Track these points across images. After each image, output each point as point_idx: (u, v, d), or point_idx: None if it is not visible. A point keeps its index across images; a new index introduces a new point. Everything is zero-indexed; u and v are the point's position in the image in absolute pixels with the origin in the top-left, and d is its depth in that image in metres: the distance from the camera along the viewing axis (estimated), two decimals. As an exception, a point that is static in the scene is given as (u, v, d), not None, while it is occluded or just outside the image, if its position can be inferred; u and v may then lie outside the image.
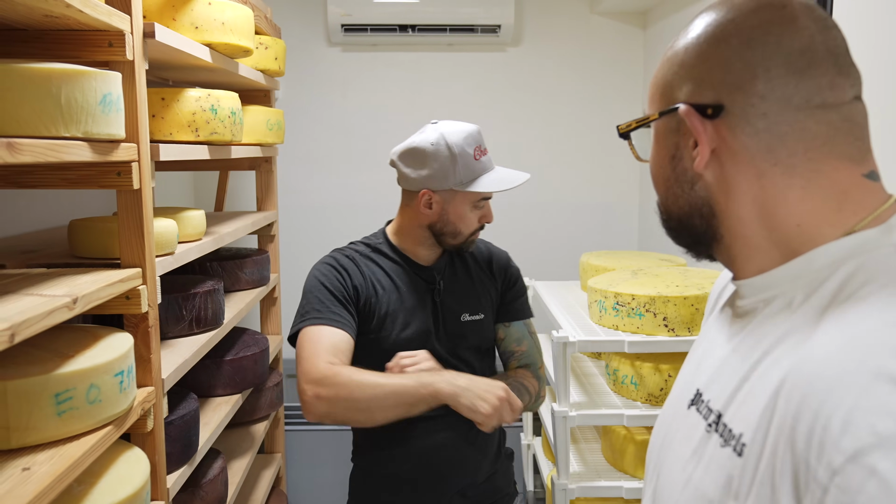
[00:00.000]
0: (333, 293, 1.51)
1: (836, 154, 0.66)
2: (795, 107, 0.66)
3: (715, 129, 0.69)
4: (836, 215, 0.66)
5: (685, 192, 0.74)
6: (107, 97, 1.17)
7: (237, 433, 2.26)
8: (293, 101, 3.06)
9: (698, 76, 0.70)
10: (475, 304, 1.63)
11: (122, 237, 1.35)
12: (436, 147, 1.51)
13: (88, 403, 1.15)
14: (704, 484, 0.68)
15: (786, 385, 0.60)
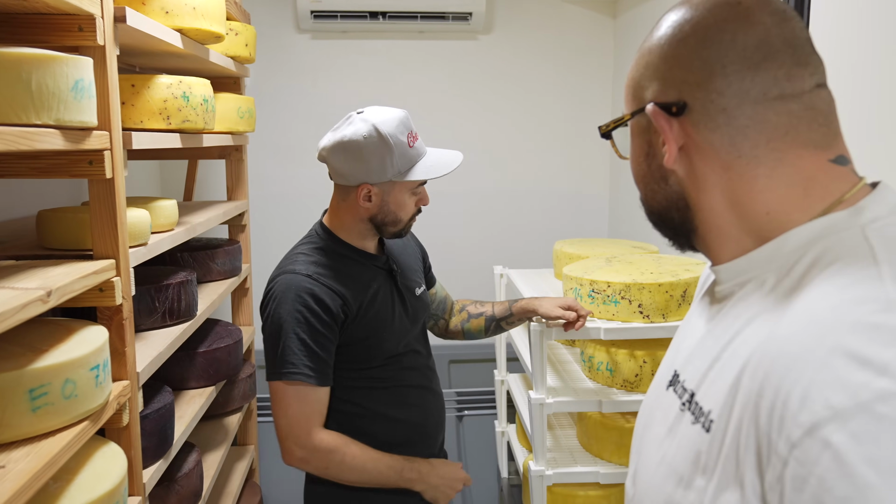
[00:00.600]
0: (317, 333, 1.47)
1: (799, 142, 0.68)
2: (753, 100, 0.68)
3: (680, 127, 0.72)
4: (804, 201, 0.68)
5: (661, 187, 0.77)
6: (79, 83, 1.14)
7: (210, 426, 2.23)
8: (262, 89, 3.01)
9: (662, 76, 0.73)
10: (418, 277, 1.73)
11: (94, 228, 1.32)
12: (369, 140, 1.46)
13: (64, 399, 1.12)
14: (676, 461, 0.70)
15: (751, 363, 0.62)
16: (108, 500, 1.16)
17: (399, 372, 1.61)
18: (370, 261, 1.60)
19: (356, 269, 1.57)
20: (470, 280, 3.07)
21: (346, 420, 1.57)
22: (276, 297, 1.49)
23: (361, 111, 1.52)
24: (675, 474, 0.70)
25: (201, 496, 1.83)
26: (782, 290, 0.66)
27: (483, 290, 3.00)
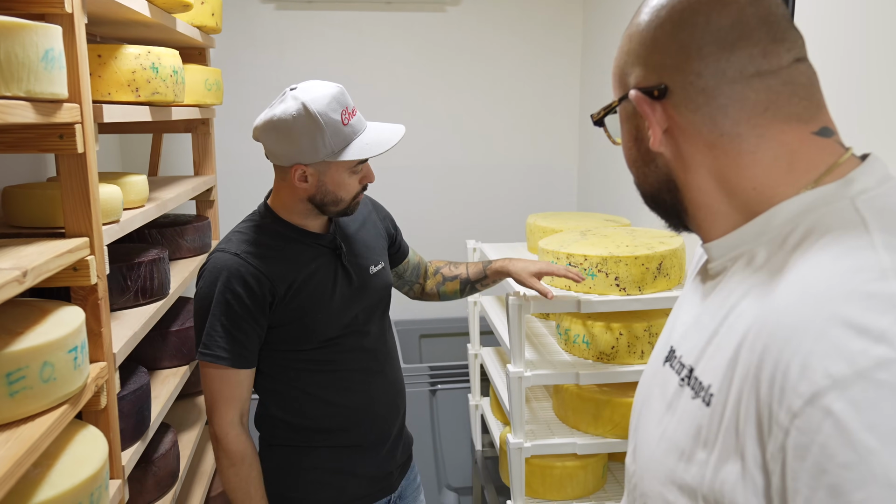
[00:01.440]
0: (237, 317, 1.45)
1: (780, 117, 0.69)
2: (731, 79, 0.69)
3: (663, 110, 0.73)
4: (789, 174, 0.70)
5: (651, 170, 0.79)
6: (49, 53, 1.08)
7: (183, 405, 2.19)
8: (225, 61, 2.93)
9: (643, 61, 0.75)
10: (376, 254, 1.68)
11: (66, 205, 1.27)
12: (298, 118, 1.40)
13: (42, 382, 1.08)
14: (677, 435, 0.71)
15: (749, 336, 0.63)
16: (90, 485, 1.13)
17: (340, 354, 1.57)
18: (313, 240, 1.56)
19: (294, 249, 1.53)
20: (442, 254, 3.05)
21: (287, 402, 1.56)
22: (205, 275, 1.49)
23: (295, 87, 1.46)
24: (677, 449, 0.71)
25: (178, 477, 1.80)
26: (775, 262, 0.67)
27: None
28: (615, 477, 2.17)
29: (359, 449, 1.60)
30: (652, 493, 0.74)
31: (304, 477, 1.58)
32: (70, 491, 1.08)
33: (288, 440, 1.58)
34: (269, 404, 1.59)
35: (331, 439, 1.57)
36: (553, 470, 2.03)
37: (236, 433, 1.49)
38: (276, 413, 1.58)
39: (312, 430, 1.57)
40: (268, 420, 1.60)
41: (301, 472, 1.58)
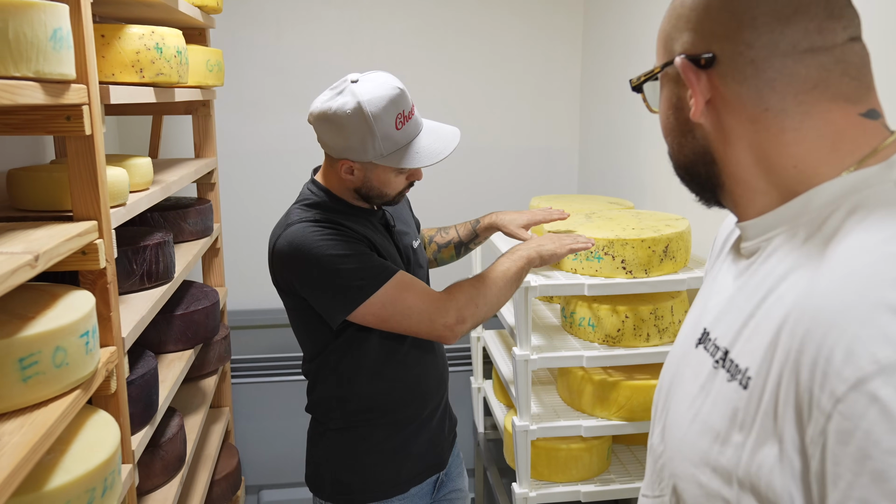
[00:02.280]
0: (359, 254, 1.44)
1: (828, 96, 0.68)
2: (783, 53, 0.68)
3: (708, 79, 0.71)
4: (832, 154, 0.68)
5: (688, 140, 0.77)
6: (57, 32, 1.06)
7: (188, 389, 2.19)
8: (223, 42, 2.89)
9: (692, 28, 0.73)
10: (413, 230, 1.72)
11: (73, 188, 1.25)
12: (352, 116, 1.39)
13: (55, 367, 1.07)
14: (712, 418, 0.70)
15: (790, 320, 0.62)
16: (104, 470, 1.13)
17: None
18: (367, 215, 1.57)
19: (358, 221, 1.53)
20: (442, 237, 3.05)
21: (345, 381, 1.56)
22: (298, 244, 1.43)
23: (357, 79, 1.44)
24: (711, 431, 0.70)
25: (185, 461, 1.80)
26: (816, 244, 0.66)
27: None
28: (619, 459, 2.18)
29: (413, 426, 1.62)
30: (684, 474, 0.74)
31: (362, 460, 1.59)
32: (85, 476, 1.08)
33: (344, 422, 1.59)
34: (324, 386, 1.59)
35: (386, 416, 1.59)
36: (558, 452, 2.04)
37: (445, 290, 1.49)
38: (333, 393, 1.58)
39: (368, 409, 1.58)
40: (322, 403, 1.61)
41: (358, 455, 1.59)
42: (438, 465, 1.70)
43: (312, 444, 1.66)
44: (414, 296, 1.45)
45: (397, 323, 1.45)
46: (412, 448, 1.63)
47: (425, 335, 1.48)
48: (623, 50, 2.70)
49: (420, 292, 1.46)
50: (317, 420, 1.65)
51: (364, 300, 1.41)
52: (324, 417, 1.62)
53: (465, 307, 1.47)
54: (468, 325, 1.49)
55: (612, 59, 2.83)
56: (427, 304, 1.45)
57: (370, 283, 1.41)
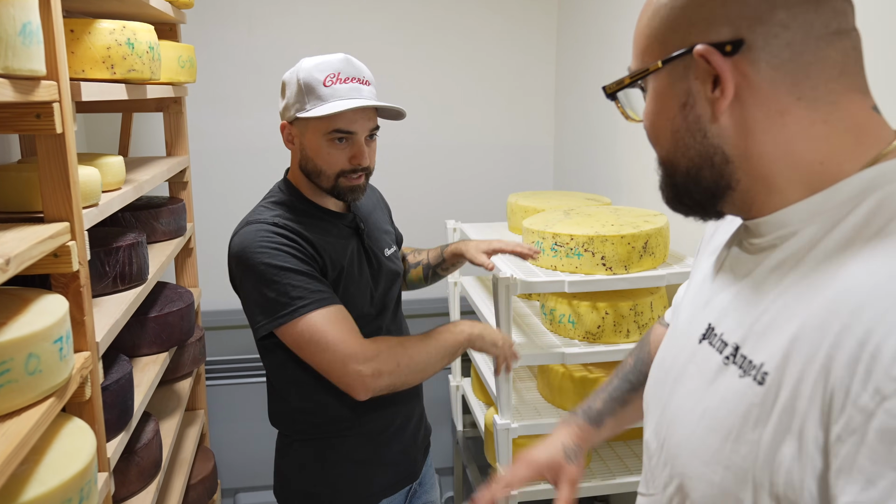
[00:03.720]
0: (305, 264, 1.39)
1: (849, 85, 0.65)
2: (817, 35, 0.64)
3: (735, 67, 0.66)
4: (855, 149, 0.65)
5: (697, 141, 0.71)
6: (26, 27, 1.02)
7: (162, 392, 2.14)
8: (193, 37, 2.83)
9: (709, 14, 0.67)
10: (387, 237, 1.67)
11: (44, 188, 1.21)
12: (289, 75, 1.46)
13: (28, 375, 1.03)
14: (721, 413, 0.69)
15: (817, 316, 0.60)
16: (80, 480, 1.09)
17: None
18: (335, 219, 1.52)
19: (321, 226, 1.49)
20: (420, 234, 3.02)
21: (310, 392, 1.50)
22: (246, 245, 1.38)
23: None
24: (723, 428, 0.68)
25: (161, 466, 1.76)
26: (837, 242, 0.64)
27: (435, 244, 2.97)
28: (600, 455, 2.18)
29: (384, 435, 1.57)
30: (693, 473, 0.72)
31: (331, 471, 1.54)
32: (60, 487, 1.04)
33: (311, 433, 1.53)
34: (289, 397, 1.53)
35: (355, 427, 1.53)
36: (540, 450, 2.03)
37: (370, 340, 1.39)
38: (298, 405, 1.52)
39: (337, 420, 1.52)
40: (287, 415, 1.55)
41: (327, 465, 1.53)
42: (412, 475, 1.65)
43: (280, 456, 1.59)
44: (338, 333, 1.36)
45: (311, 355, 1.37)
46: (385, 458, 1.57)
47: (336, 379, 1.38)
48: (598, 46, 2.70)
49: (346, 332, 1.37)
50: (282, 433, 1.59)
51: (290, 321, 1.35)
52: (289, 430, 1.56)
53: (385, 363, 1.38)
54: (384, 382, 1.38)
55: (587, 55, 2.84)
56: (347, 346, 1.36)
57: (300, 305, 1.35)
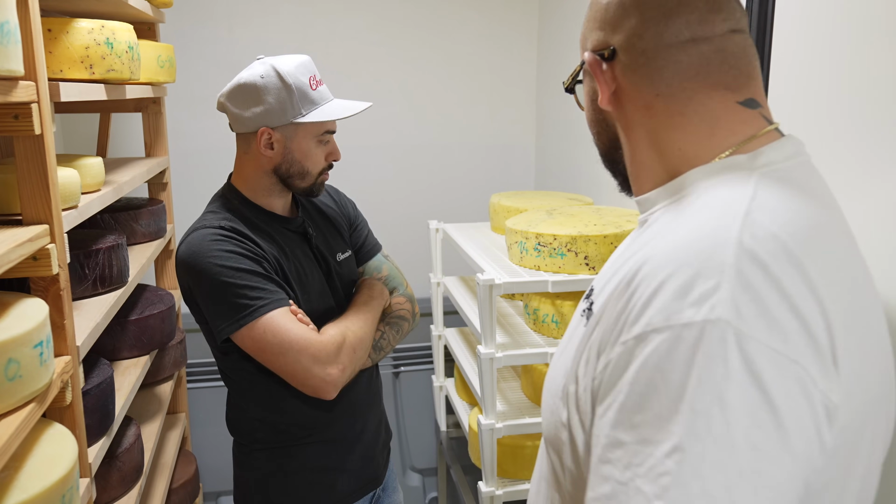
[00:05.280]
0: (256, 264, 1.37)
1: (709, 83, 0.75)
2: (668, 43, 0.75)
3: (611, 71, 0.79)
4: (710, 139, 0.75)
5: (604, 129, 0.85)
6: (4, 26, 1.00)
7: (143, 396, 2.11)
8: (173, 37, 2.80)
9: (597, 26, 0.81)
10: (341, 241, 1.63)
11: (23, 190, 1.19)
12: (267, 79, 1.39)
13: (8, 380, 1.02)
14: (567, 355, 0.78)
15: (629, 271, 0.69)
16: (62, 486, 1.07)
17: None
18: (282, 224, 1.51)
19: (269, 231, 1.47)
20: (403, 235, 3.03)
21: (267, 401, 1.49)
22: (195, 251, 1.37)
23: (261, 57, 1.45)
24: (564, 368, 0.77)
25: (142, 471, 1.73)
26: (670, 218, 0.73)
27: (418, 245, 2.97)
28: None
29: (345, 442, 1.55)
30: (546, 407, 0.81)
31: (293, 480, 1.52)
32: (42, 494, 1.02)
33: (271, 442, 1.52)
34: (246, 406, 1.52)
35: (315, 434, 1.52)
36: (524, 450, 2.04)
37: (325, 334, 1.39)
38: (256, 414, 1.51)
39: (296, 428, 1.51)
40: (246, 424, 1.54)
41: (288, 475, 1.52)
42: (375, 480, 1.64)
43: (239, 466, 1.57)
44: (299, 332, 1.34)
45: (274, 357, 1.34)
46: (347, 464, 1.56)
47: (300, 383, 1.36)
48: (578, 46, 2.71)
49: (306, 331, 1.36)
50: (240, 442, 1.57)
51: (250, 321, 1.33)
52: (248, 439, 1.54)
53: (345, 355, 1.39)
54: (347, 374, 1.40)
55: (567, 55, 2.85)
56: (309, 347, 1.34)
57: (260, 305, 1.34)
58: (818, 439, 0.60)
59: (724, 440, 0.57)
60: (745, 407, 0.57)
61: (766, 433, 0.57)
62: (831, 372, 0.61)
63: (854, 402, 0.63)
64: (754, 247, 0.62)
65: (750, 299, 0.60)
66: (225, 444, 2.91)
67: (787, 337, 0.59)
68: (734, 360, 0.58)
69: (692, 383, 0.58)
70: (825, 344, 0.61)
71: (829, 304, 0.62)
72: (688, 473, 0.57)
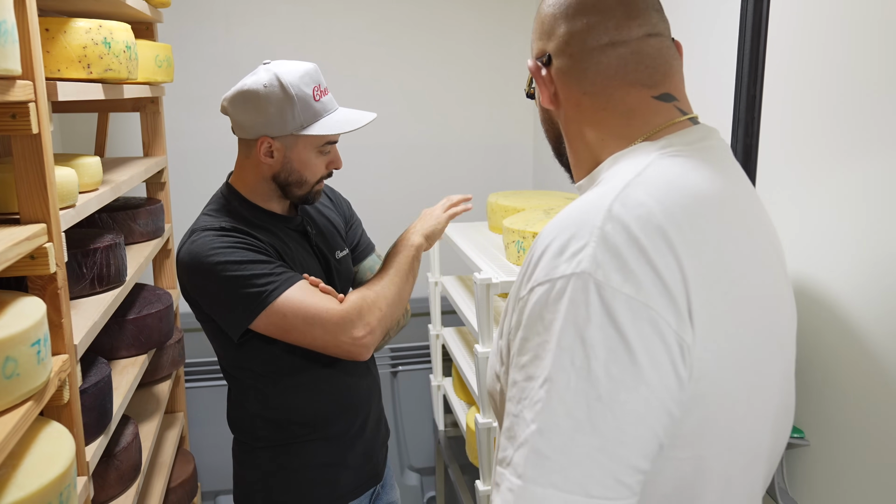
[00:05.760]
0: (261, 261, 1.38)
1: (627, 81, 0.84)
2: (590, 47, 0.85)
3: (549, 75, 0.90)
4: (626, 129, 0.85)
5: (550, 126, 0.96)
6: (2, 25, 1.01)
7: (141, 395, 2.12)
8: (171, 37, 2.81)
9: (537, 37, 0.92)
10: (339, 240, 1.64)
11: (20, 189, 1.19)
12: (270, 89, 1.38)
13: (6, 378, 1.02)
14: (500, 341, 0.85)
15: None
16: (59, 484, 1.08)
17: None
18: (281, 223, 1.51)
19: (269, 230, 1.48)
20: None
21: (269, 398, 1.50)
22: (197, 252, 1.37)
23: (268, 62, 1.44)
24: (501, 328, 0.84)
25: (140, 470, 1.74)
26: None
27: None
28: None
29: (346, 438, 1.56)
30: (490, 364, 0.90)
31: (296, 477, 1.52)
32: (40, 491, 1.03)
33: (273, 440, 1.52)
34: (248, 404, 1.52)
35: (317, 431, 1.52)
36: (521, 448, 2.04)
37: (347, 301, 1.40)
38: (259, 412, 1.51)
39: (298, 425, 1.51)
40: (248, 421, 1.54)
41: (291, 472, 1.52)
42: (375, 477, 1.65)
43: (240, 464, 1.58)
44: (319, 303, 1.36)
45: (301, 334, 1.36)
46: (349, 461, 1.57)
47: (332, 350, 1.38)
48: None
49: (325, 300, 1.37)
50: (241, 440, 1.57)
51: (265, 307, 1.34)
52: (250, 437, 1.55)
53: (369, 314, 1.39)
54: (378, 334, 1.41)
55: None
56: (332, 315, 1.36)
57: (272, 289, 1.34)
58: (674, 372, 0.69)
59: (585, 371, 0.67)
60: (603, 343, 0.67)
61: (622, 365, 0.67)
62: (685, 320, 0.70)
63: (714, 355, 0.72)
64: (621, 212, 0.72)
65: (611, 255, 0.69)
66: (223, 444, 2.91)
67: (641, 285, 0.69)
68: (594, 305, 0.68)
69: (559, 325, 0.69)
70: (680, 295, 0.70)
71: (687, 263, 0.71)
72: (555, 399, 0.68)
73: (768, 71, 1.43)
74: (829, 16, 1.34)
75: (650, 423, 0.68)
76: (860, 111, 1.26)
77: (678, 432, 0.71)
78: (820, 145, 1.36)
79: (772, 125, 1.49)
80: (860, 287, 1.23)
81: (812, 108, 1.40)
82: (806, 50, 1.42)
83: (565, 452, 0.67)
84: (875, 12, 1.22)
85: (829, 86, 1.35)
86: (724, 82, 1.71)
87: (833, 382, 1.28)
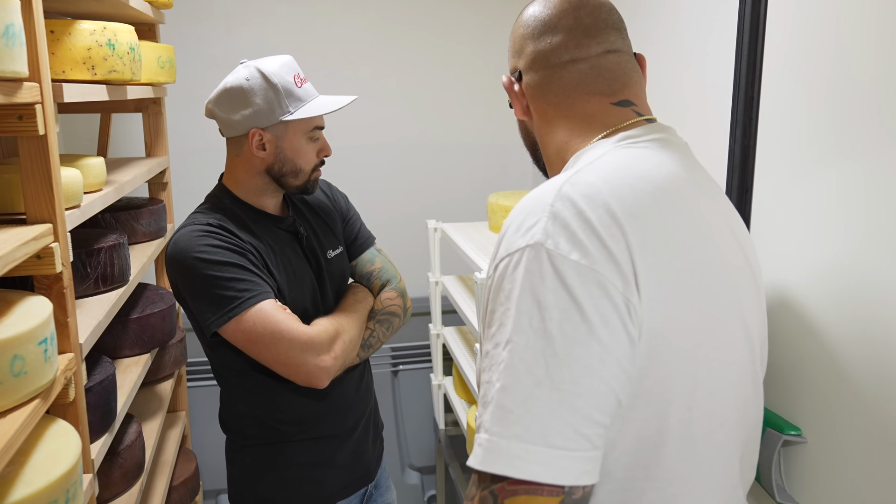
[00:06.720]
0: (245, 268, 1.39)
1: (587, 91, 0.95)
2: (553, 63, 0.97)
3: (521, 89, 1.01)
4: (587, 131, 0.95)
5: (527, 134, 1.07)
6: (9, 28, 1.02)
7: (144, 394, 2.13)
8: (173, 38, 2.82)
9: (511, 55, 1.04)
10: (333, 238, 1.64)
11: (27, 190, 1.20)
12: (252, 81, 1.42)
13: (13, 377, 1.03)
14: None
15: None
16: (66, 481, 1.09)
17: None
18: (273, 223, 1.52)
19: (259, 229, 1.49)
20: (401, 234, 3.04)
21: (257, 397, 1.51)
22: (183, 247, 1.38)
23: (244, 61, 1.47)
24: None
25: (143, 468, 1.75)
26: None
27: (416, 244, 2.98)
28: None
29: (335, 438, 1.57)
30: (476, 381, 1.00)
31: (282, 475, 1.54)
32: (47, 488, 1.04)
33: (261, 438, 1.54)
34: (237, 402, 1.54)
35: (305, 431, 1.54)
36: (522, 446, 2.05)
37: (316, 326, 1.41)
38: (246, 410, 1.53)
39: (286, 424, 1.52)
40: (236, 420, 1.56)
41: (278, 470, 1.54)
42: (366, 477, 1.65)
43: (231, 463, 1.59)
44: (289, 322, 1.37)
45: (264, 347, 1.35)
46: (337, 460, 1.57)
47: (293, 370, 1.37)
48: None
49: (296, 322, 1.38)
50: (231, 439, 1.59)
51: (239, 313, 1.34)
52: (238, 435, 1.56)
53: (337, 343, 1.42)
54: (339, 365, 1.42)
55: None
56: (301, 335, 1.37)
57: (247, 297, 1.35)
58: (624, 330, 0.76)
59: (542, 331, 0.74)
60: (557, 305, 0.75)
61: (574, 324, 0.74)
62: (631, 283, 0.77)
63: (662, 316, 0.78)
64: (569, 191, 0.80)
65: (560, 227, 0.78)
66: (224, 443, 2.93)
67: (587, 252, 0.76)
68: (547, 271, 0.76)
69: (517, 292, 0.76)
70: (625, 262, 0.77)
71: (631, 233, 0.78)
72: (516, 358, 0.74)
73: (766, 72, 1.44)
74: (828, 17, 1.36)
75: (604, 376, 0.75)
76: (860, 111, 1.28)
77: (638, 391, 0.78)
78: (820, 145, 1.37)
79: (771, 125, 1.50)
80: (861, 286, 1.24)
81: (812, 109, 1.41)
82: (805, 50, 1.43)
83: (526, 406, 0.73)
84: (875, 12, 1.24)
85: (829, 86, 1.36)
86: (721, 83, 1.72)
87: (830, 380, 1.29)
